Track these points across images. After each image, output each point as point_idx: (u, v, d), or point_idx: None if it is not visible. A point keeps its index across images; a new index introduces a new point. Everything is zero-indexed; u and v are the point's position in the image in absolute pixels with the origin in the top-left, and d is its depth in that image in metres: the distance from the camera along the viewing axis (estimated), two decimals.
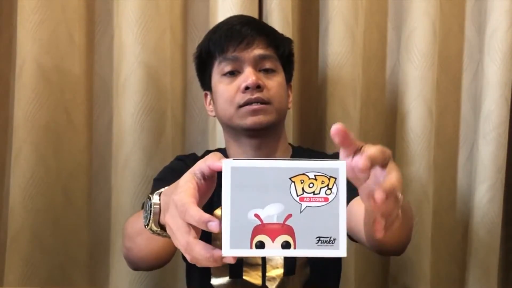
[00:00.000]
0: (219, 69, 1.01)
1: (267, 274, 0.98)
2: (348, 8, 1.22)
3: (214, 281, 0.99)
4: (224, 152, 1.09)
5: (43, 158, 1.18)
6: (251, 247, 0.51)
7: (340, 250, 0.51)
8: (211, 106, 1.08)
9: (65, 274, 1.23)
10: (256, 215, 0.51)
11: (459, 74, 1.36)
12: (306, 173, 0.51)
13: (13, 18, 1.20)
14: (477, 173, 1.28)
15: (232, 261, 0.53)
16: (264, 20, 1.23)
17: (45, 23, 1.17)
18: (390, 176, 0.55)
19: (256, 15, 1.21)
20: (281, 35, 1.09)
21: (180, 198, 0.55)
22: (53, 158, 1.20)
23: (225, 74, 1.00)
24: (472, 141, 1.35)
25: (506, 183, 1.30)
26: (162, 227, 0.67)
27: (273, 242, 0.51)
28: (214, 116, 1.08)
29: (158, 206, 0.67)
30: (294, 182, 0.51)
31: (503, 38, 1.24)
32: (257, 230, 0.51)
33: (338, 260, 1.09)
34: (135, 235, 0.82)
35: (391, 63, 1.34)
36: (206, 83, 1.07)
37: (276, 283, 0.98)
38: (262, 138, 1.02)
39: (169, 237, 0.66)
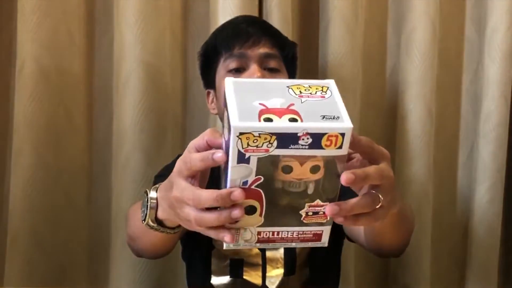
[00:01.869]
0: (224, 65, 1.01)
1: (267, 274, 0.98)
2: (348, 8, 1.22)
3: (215, 280, 0.99)
4: None
5: (43, 158, 1.18)
6: (259, 121, 0.50)
7: (345, 123, 0.51)
8: (213, 104, 1.08)
9: (65, 274, 1.23)
10: (261, 104, 0.52)
11: (459, 74, 1.36)
12: (302, 84, 0.54)
13: (13, 18, 1.20)
14: (477, 173, 1.29)
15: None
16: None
17: (45, 23, 1.17)
18: (370, 168, 0.56)
19: (256, 15, 1.21)
20: (286, 37, 1.10)
21: (186, 193, 0.55)
22: (53, 158, 1.20)
23: (230, 71, 1.01)
24: (472, 141, 1.35)
25: (506, 183, 1.30)
26: (160, 223, 0.67)
27: (280, 118, 0.50)
28: (216, 114, 1.08)
29: (155, 201, 0.66)
30: (291, 88, 0.54)
31: (503, 38, 1.24)
32: (263, 112, 0.51)
33: (337, 260, 1.09)
34: (135, 226, 0.82)
35: (391, 63, 1.34)
36: (209, 81, 1.08)
37: (276, 283, 0.98)
38: None
39: (166, 232, 0.68)
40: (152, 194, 0.66)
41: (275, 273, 0.98)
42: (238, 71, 1.00)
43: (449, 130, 1.36)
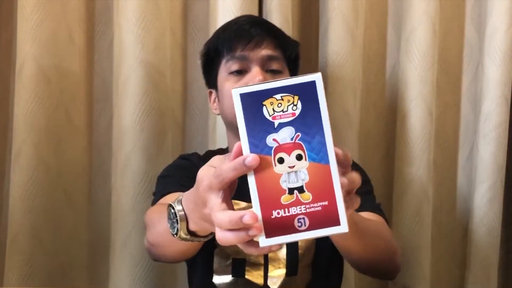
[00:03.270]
0: (226, 67, 1.01)
1: (269, 274, 0.98)
2: (348, 8, 1.22)
3: (217, 279, 0.99)
4: (226, 152, 1.09)
5: (43, 158, 1.18)
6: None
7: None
8: (215, 104, 1.08)
9: (65, 274, 1.23)
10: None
11: (459, 74, 1.36)
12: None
13: (13, 18, 1.20)
14: (477, 173, 1.28)
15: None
16: None
17: (45, 23, 1.17)
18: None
19: (256, 15, 1.21)
20: (289, 37, 1.09)
21: (212, 214, 0.55)
22: (53, 158, 1.20)
23: (232, 73, 1.00)
24: (472, 141, 1.34)
25: (506, 183, 1.30)
26: (191, 233, 0.66)
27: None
28: (218, 114, 1.08)
29: (183, 213, 0.65)
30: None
31: (503, 38, 1.24)
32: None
33: (340, 261, 1.09)
34: (158, 235, 0.81)
35: (391, 63, 1.34)
36: (211, 81, 1.08)
37: (279, 283, 0.97)
38: None
39: (200, 241, 0.67)
40: (178, 207, 0.65)
41: (277, 273, 0.98)
42: (239, 73, 1.00)
43: (449, 130, 1.36)
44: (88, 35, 1.26)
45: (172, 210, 0.66)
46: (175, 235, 0.67)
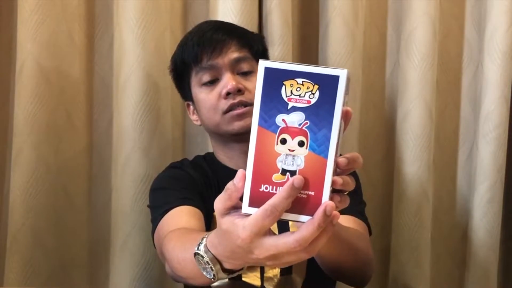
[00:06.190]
0: (197, 79, 1.01)
1: (266, 274, 0.97)
2: (348, 8, 1.22)
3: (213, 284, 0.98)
4: (212, 156, 1.09)
5: (43, 158, 1.18)
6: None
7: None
8: (195, 116, 1.08)
9: (65, 274, 1.23)
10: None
11: (459, 74, 1.36)
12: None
13: (13, 18, 1.20)
14: (477, 173, 1.29)
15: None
16: (264, 20, 1.23)
17: (45, 23, 1.17)
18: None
19: (256, 15, 1.21)
20: (252, 33, 1.08)
21: (284, 246, 0.55)
22: (53, 158, 1.20)
23: (204, 84, 1.00)
24: (472, 141, 1.35)
25: (506, 183, 1.30)
26: (228, 270, 0.66)
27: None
28: (200, 125, 1.08)
29: (213, 257, 0.64)
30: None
31: (503, 38, 1.24)
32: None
33: None
34: (188, 271, 0.77)
35: (391, 64, 1.34)
36: (186, 94, 1.07)
37: (274, 283, 0.97)
38: None
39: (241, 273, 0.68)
40: (207, 255, 0.64)
41: (273, 273, 0.98)
42: (212, 83, 0.99)
43: (449, 130, 1.37)
44: (88, 35, 1.26)
45: (202, 259, 0.65)
46: (213, 279, 0.66)
